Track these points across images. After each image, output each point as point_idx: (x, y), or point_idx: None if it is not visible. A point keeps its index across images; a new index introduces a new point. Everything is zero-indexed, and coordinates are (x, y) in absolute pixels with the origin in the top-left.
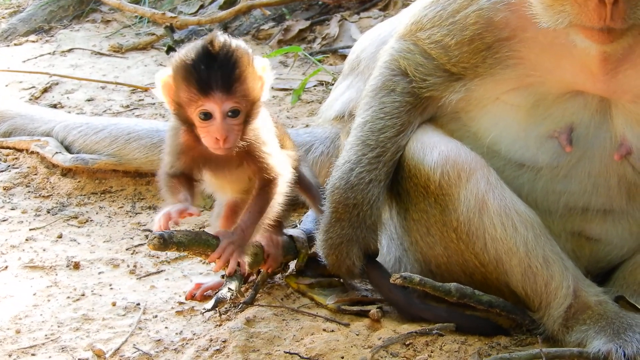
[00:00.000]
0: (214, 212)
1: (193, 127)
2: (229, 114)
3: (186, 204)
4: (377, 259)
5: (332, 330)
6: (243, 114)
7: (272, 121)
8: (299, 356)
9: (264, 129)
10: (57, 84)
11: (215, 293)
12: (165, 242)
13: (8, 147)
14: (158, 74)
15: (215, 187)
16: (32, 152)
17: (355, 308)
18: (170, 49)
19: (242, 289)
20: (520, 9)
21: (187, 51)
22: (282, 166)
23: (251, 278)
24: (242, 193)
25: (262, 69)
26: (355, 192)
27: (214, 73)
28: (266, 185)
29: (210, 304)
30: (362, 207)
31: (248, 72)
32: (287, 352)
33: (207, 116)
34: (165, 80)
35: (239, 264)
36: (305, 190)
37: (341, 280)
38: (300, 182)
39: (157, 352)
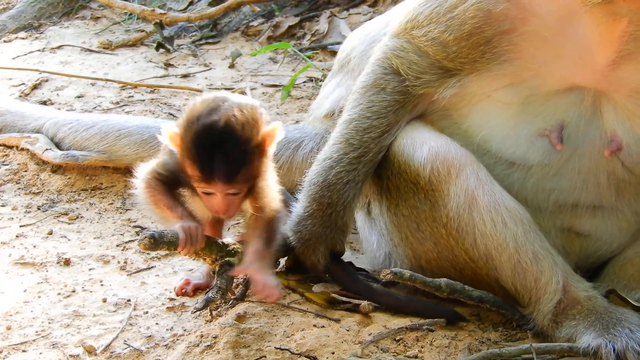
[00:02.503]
0: None
1: None
2: (231, 193)
3: (192, 223)
4: (368, 255)
5: (323, 326)
6: (246, 189)
7: None
8: (290, 352)
9: (270, 169)
10: (46, 80)
11: (206, 292)
12: (156, 241)
13: None
14: (166, 127)
15: (197, 207)
16: (22, 149)
17: (345, 299)
18: (159, 46)
19: (233, 286)
20: (520, 0)
21: (196, 123)
22: (279, 202)
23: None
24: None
25: (273, 132)
26: (331, 192)
27: (217, 165)
28: (270, 221)
29: (200, 303)
30: (336, 208)
31: (255, 152)
32: (277, 348)
33: (209, 193)
34: (172, 136)
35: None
36: None
37: (331, 276)
38: None
39: (148, 348)
